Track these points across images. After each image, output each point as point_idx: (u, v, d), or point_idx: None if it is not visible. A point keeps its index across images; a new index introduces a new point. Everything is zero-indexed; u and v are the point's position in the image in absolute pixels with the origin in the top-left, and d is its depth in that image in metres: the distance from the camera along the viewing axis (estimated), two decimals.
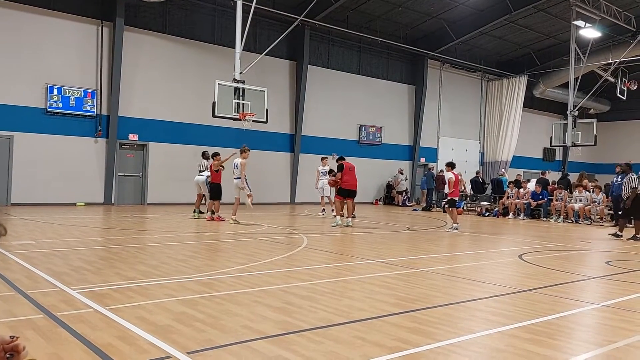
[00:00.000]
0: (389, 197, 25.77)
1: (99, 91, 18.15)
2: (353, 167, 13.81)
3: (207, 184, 14.39)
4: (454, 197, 13.48)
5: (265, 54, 18.43)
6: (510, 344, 3.99)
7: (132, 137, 18.91)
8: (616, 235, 12.53)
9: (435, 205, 22.57)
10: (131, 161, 19.16)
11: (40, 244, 8.48)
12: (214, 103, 15.37)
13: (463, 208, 20.04)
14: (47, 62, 17.23)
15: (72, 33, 17.71)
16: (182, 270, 6.63)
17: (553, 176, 24.43)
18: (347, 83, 24.56)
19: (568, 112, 23.22)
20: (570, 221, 17.46)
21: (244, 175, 13.24)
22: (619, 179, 15.20)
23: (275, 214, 17.13)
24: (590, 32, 23.27)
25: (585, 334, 4.53)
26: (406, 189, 25.56)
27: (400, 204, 24.91)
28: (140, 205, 18.96)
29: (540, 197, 18.83)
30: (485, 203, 21.42)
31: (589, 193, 17.82)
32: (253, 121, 15.97)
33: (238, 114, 15.65)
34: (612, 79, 28.03)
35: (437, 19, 24.48)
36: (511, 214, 19.16)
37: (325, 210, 16.80)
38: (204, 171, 14.97)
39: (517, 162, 30.55)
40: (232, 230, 11.77)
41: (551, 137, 24.93)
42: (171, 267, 6.79)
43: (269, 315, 4.57)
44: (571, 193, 18.56)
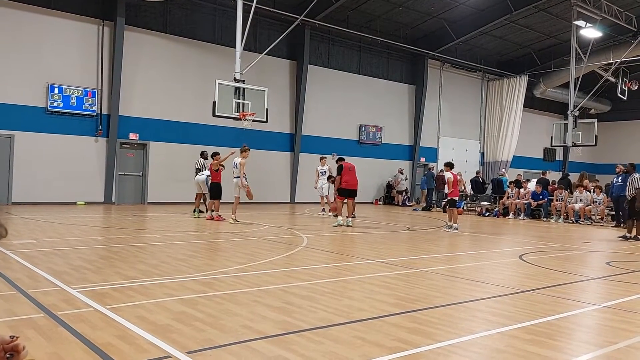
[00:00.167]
0: (389, 197, 25.77)
1: (99, 90, 18.16)
2: (353, 167, 13.79)
3: (207, 184, 14.41)
4: (454, 197, 13.49)
5: (265, 54, 18.46)
6: (510, 344, 3.99)
7: (133, 136, 18.92)
8: (625, 237, 12.39)
9: (435, 205, 22.56)
10: (131, 160, 19.16)
11: (40, 243, 8.48)
12: (214, 102, 15.38)
13: (463, 208, 20.02)
14: (48, 61, 17.24)
15: (73, 32, 17.72)
16: (182, 269, 6.63)
17: (553, 176, 24.40)
18: (347, 83, 24.56)
19: (569, 112, 23.23)
20: (570, 221, 17.45)
21: (243, 175, 13.24)
22: (619, 180, 15.21)
23: (275, 213, 17.14)
24: (591, 32, 23.28)
25: (586, 334, 4.53)
26: (406, 189, 25.55)
27: (400, 203, 24.89)
28: (140, 204, 18.96)
29: (541, 197, 18.81)
30: (485, 203, 21.41)
31: (589, 193, 17.81)
32: (253, 121, 15.99)
33: (238, 114, 15.66)
34: (612, 79, 28.03)
35: (438, 18, 24.47)
36: (511, 214, 19.15)
37: (325, 210, 16.81)
38: (202, 170, 14.98)
39: (518, 162, 30.53)
40: (232, 229, 11.77)
41: (551, 137, 24.93)
42: (171, 267, 6.79)
43: (269, 315, 4.57)
44: (571, 193, 18.55)
